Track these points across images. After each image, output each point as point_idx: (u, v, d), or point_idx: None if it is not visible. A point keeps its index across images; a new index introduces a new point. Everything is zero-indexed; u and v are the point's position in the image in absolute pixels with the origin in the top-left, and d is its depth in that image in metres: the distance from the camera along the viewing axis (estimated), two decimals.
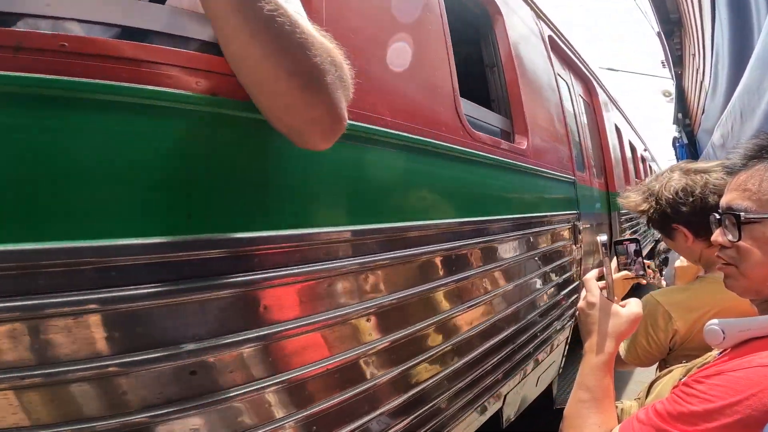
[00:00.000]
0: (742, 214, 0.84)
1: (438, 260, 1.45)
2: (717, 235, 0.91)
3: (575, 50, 4.08)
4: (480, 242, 1.66)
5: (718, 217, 0.92)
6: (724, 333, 0.83)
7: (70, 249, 0.72)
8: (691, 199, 1.32)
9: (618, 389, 1.14)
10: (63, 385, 0.74)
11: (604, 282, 1.09)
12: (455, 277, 1.50)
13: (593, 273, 1.13)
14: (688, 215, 1.34)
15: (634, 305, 1.04)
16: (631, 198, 1.50)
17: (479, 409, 1.66)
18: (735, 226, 0.85)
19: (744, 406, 0.69)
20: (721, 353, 0.89)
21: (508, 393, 1.89)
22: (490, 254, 1.75)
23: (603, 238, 1.14)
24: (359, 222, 1.20)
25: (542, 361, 2.29)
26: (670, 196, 1.36)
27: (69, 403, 0.75)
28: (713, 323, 0.86)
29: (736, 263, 0.87)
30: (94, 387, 0.76)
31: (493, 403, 1.80)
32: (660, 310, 1.39)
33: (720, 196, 1.14)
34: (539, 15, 3.10)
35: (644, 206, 1.45)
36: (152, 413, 0.82)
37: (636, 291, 1.49)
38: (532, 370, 2.15)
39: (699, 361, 1.00)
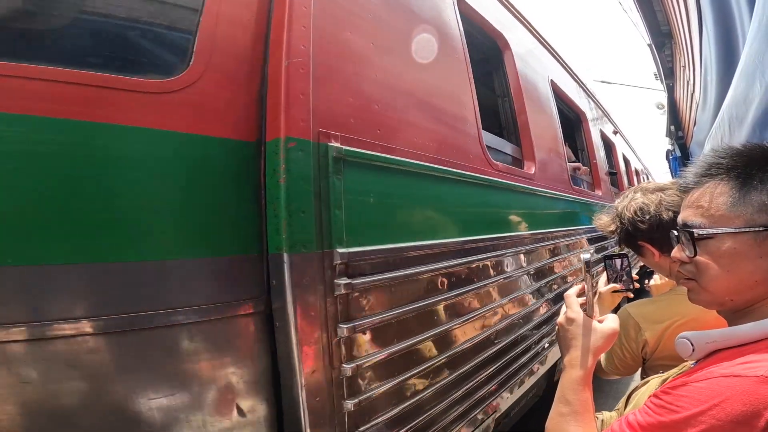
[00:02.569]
0: (695, 230, 0.87)
1: None
2: (676, 252, 0.94)
3: None
4: None
5: (676, 234, 0.94)
6: (692, 345, 0.86)
7: None
8: (647, 217, 1.40)
9: (609, 399, 1.18)
10: None
11: (584, 299, 1.12)
12: None
13: (574, 289, 1.15)
14: (648, 232, 1.42)
15: (611, 321, 1.08)
16: (603, 219, 1.59)
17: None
18: (690, 242, 0.88)
19: (708, 416, 0.70)
20: (695, 364, 0.91)
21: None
22: None
23: (585, 256, 1.14)
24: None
25: None
26: (630, 215, 1.45)
27: None
28: (682, 336, 0.89)
29: (695, 278, 0.90)
30: None
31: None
32: (631, 322, 1.48)
33: (674, 213, 1.32)
34: None
35: (612, 227, 1.53)
36: None
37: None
38: None
39: (674, 371, 1.02)
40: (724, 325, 0.90)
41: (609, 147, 6.25)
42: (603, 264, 1.50)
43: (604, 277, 1.67)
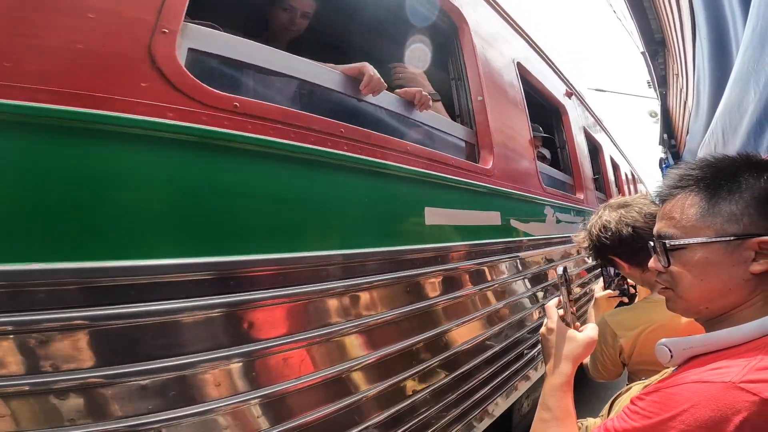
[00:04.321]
0: (667, 241, 0.91)
1: None
2: (652, 262, 0.97)
3: None
4: None
5: (652, 244, 0.97)
6: (671, 351, 0.89)
7: None
8: (609, 234, 1.50)
9: (601, 404, 1.21)
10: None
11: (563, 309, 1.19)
12: None
13: (554, 301, 1.22)
14: (612, 247, 1.52)
15: (589, 330, 1.15)
16: (580, 236, 1.68)
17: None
18: (664, 252, 0.91)
19: (678, 422, 0.72)
20: (674, 370, 0.92)
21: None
22: None
23: (560, 269, 1.20)
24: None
25: None
26: (596, 233, 1.55)
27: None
28: (661, 343, 0.91)
29: (671, 287, 0.93)
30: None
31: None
32: (608, 330, 1.54)
33: (633, 228, 1.45)
34: None
35: (585, 243, 1.63)
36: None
37: None
38: None
39: (656, 377, 1.03)
40: (696, 332, 0.93)
41: (556, 109, 4.13)
42: (600, 272, 1.63)
43: (600, 283, 1.77)
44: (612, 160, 6.77)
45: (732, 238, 0.83)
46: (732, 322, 0.85)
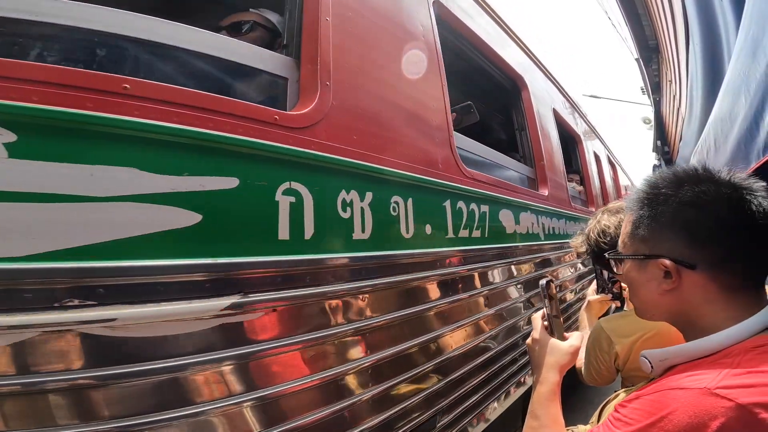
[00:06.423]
0: (609, 252, 1.05)
1: None
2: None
3: None
4: None
5: None
6: (650, 362, 0.92)
7: None
8: (608, 239, 1.50)
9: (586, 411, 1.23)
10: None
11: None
12: None
13: (541, 312, 1.26)
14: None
15: (573, 339, 1.20)
16: (576, 240, 1.68)
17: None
18: (612, 262, 1.05)
19: (657, 428, 0.74)
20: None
21: None
22: None
23: (542, 282, 1.23)
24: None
25: None
26: (594, 237, 1.55)
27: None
28: (642, 354, 0.95)
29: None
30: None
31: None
32: (603, 336, 1.53)
33: None
34: None
35: (583, 248, 1.63)
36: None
37: None
38: None
39: (640, 384, 1.05)
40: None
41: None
42: (595, 275, 1.64)
43: (593, 286, 1.76)
44: (557, 116, 4.29)
45: (641, 257, 0.93)
46: (701, 331, 0.88)
